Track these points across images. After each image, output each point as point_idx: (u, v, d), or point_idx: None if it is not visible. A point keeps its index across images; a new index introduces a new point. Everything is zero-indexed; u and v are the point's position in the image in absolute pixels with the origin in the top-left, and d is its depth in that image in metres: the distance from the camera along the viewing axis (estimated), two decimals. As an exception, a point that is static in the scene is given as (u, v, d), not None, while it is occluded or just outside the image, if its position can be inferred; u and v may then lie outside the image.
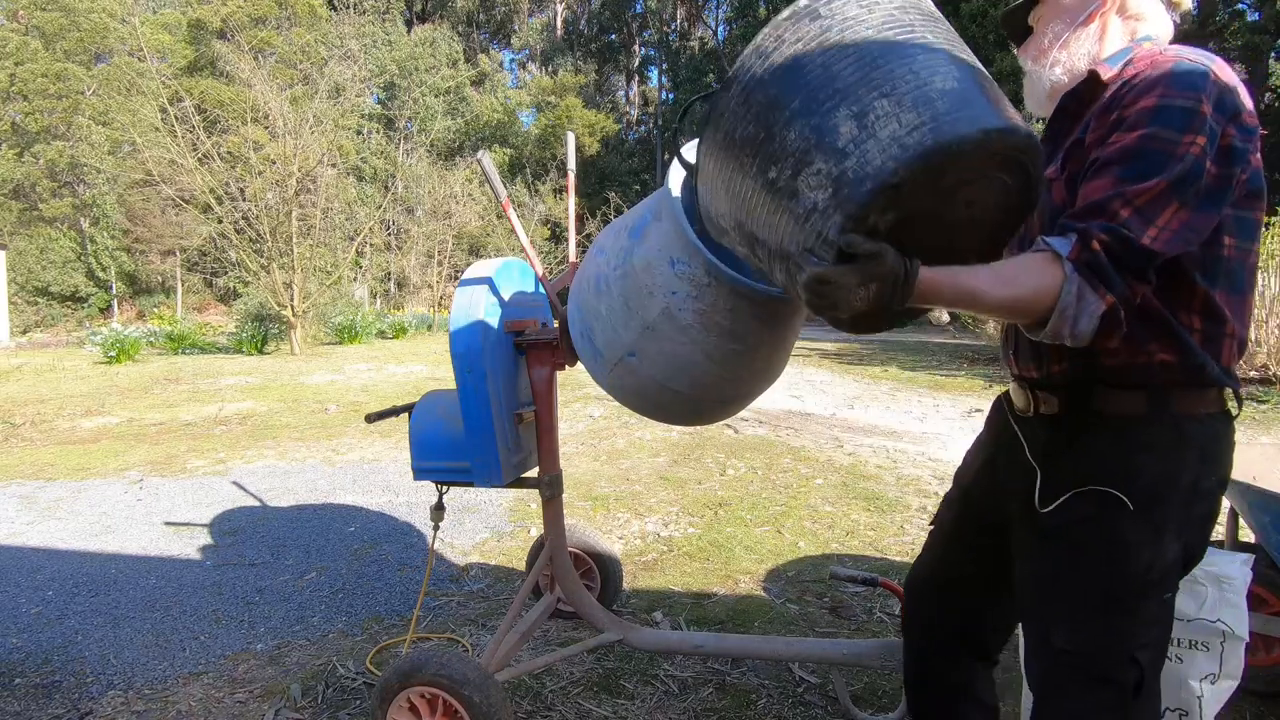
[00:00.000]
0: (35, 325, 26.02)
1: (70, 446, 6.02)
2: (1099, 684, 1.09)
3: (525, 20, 46.77)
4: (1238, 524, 2.08)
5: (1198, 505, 1.10)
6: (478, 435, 1.92)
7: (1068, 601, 1.12)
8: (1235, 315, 1.08)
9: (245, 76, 16.04)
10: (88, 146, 25.21)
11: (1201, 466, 1.08)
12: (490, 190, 3.48)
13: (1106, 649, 1.09)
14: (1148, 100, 1.00)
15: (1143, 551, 1.06)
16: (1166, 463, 1.07)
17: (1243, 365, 7.36)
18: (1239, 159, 1.00)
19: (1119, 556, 1.07)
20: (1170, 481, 1.07)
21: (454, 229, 22.82)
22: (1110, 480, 1.07)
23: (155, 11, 30.97)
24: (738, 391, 1.63)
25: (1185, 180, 0.95)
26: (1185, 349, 1.06)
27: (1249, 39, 19.91)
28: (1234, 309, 1.08)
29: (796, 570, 3.10)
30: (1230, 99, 1.00)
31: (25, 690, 2.29)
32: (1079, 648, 1.10)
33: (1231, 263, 1.06)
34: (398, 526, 3.85)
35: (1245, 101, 1.02)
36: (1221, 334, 1.07)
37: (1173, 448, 1.07)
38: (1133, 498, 1.05)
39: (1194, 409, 1.08)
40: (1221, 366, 1.08)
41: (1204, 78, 1.00)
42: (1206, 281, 1.05)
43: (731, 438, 5.87)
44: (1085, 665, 1.09)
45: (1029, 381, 1.21)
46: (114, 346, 12.46)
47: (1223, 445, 1.12)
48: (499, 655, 1.94)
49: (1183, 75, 1.01)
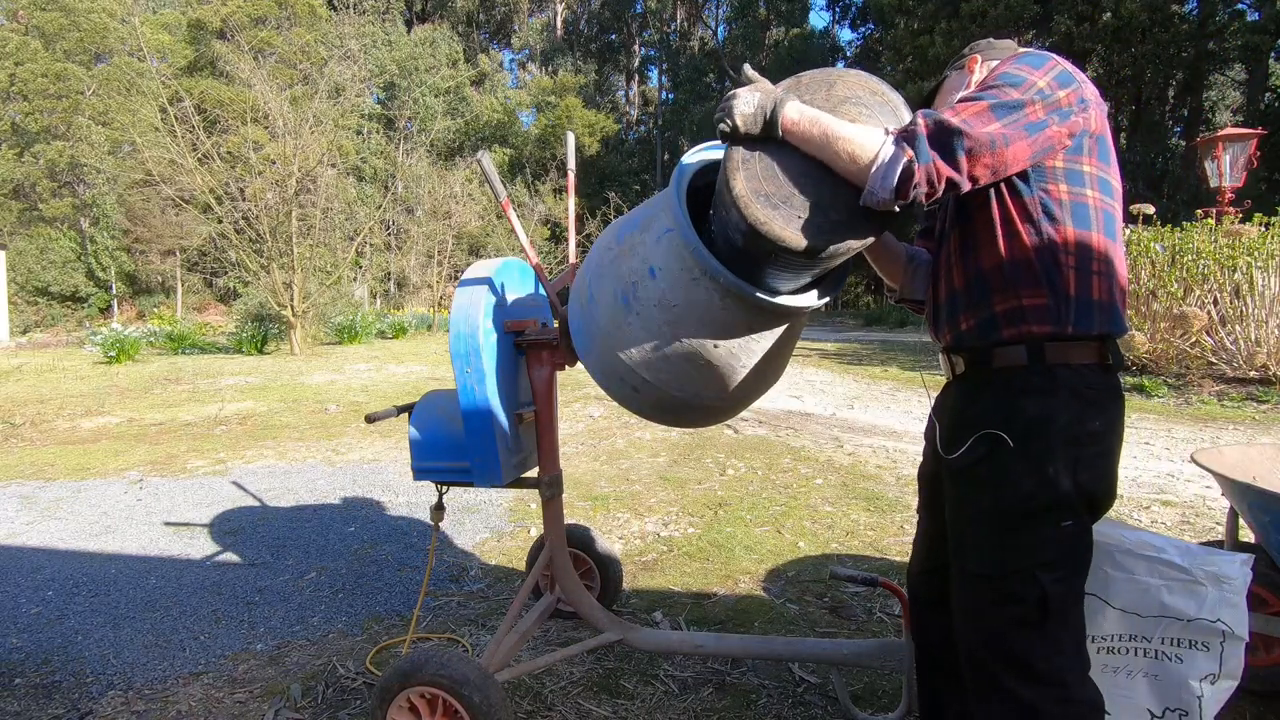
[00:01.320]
0: (35, 325, 26.02)
1: (70, 446, 6.02)
2: (1007, 601, 1.24)
3: (525, 20, 46.78)
4: (1238, 524, 2.07)
5: (1087, 445, 1.23)
6: (478, 435, 1.92)
7: (970, 528, 1.30)
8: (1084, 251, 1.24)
9: (245, 76, 16.03)
10: (88, 146, 25.21)
11: (1080, 407, 1.22)
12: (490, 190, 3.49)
13: (1006, 568, 1.24)
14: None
15: (1023, 481, 1.22)
16: (1041, 404, 1.23)
17: (1243, 365, 7.35)
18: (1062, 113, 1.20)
19: (1005, 486, 1.24)
20: (1045, 420, 1.22)
21: (454, 229, 22.80)
22: (996, 423, 1.25)
23: (155, 11, 30.97)
24: (728, 395, 1.62)
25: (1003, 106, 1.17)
26: (1052, 287, 1.23)
27: (1249, 39, 19.91)
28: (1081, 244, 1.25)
29: (796, 570, 3.10)
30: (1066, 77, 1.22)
31: (25, 690, 2.29)
32: (983, 570, 1.27)
33: (1103, 214, 1.26)
34: (398, 526, 3.85)
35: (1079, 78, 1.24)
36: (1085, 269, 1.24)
37: (1046, 390, 1.23)
38: (1013, 436, 1.23)
39: (1067, 359, 1.24)
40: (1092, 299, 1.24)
41: (1043, 59, 1.23)
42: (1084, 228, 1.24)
43: (731, 438, 5.87)
44: (993, 586, 1.26)
45: (947, 348, 1.41)
46: (114, 346, 12.46)
47: (1101, 393, 1.25)
48: (499, 655, 1.94)
49: (1022, 56, 1.25)
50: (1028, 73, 1.20)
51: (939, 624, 1.54)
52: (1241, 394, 7.12)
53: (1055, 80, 1.20)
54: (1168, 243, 7.79)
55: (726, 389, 1.61)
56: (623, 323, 1.57)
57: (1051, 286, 1.23)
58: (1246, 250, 7.14)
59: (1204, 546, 1.62)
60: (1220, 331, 7.51)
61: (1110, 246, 1.26)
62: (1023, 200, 1.24)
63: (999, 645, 1.25)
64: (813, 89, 1.31)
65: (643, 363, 1.57)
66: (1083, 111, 1.21)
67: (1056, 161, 1.23)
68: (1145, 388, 7.60)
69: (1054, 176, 1.24)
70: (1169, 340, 7.86)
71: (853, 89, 1.31)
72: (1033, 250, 1.24)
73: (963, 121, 1.15)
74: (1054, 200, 1.24)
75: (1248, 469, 2.12)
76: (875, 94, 1.32)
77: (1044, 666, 1.22)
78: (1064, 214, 1.24)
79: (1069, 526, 1.22)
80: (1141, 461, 4.90)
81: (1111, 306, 1.26)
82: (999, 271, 1.27)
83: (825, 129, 1.21)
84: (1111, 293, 1.26)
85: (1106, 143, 1.28)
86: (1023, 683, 1.23)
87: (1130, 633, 1.58)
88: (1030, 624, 1.22)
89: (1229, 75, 25.26)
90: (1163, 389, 7.56)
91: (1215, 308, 7.48)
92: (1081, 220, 1.24)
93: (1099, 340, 1.25)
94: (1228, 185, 8.73)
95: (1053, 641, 1.23)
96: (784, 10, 38.73)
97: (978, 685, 1.29)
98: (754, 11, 38.93)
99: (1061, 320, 1.23)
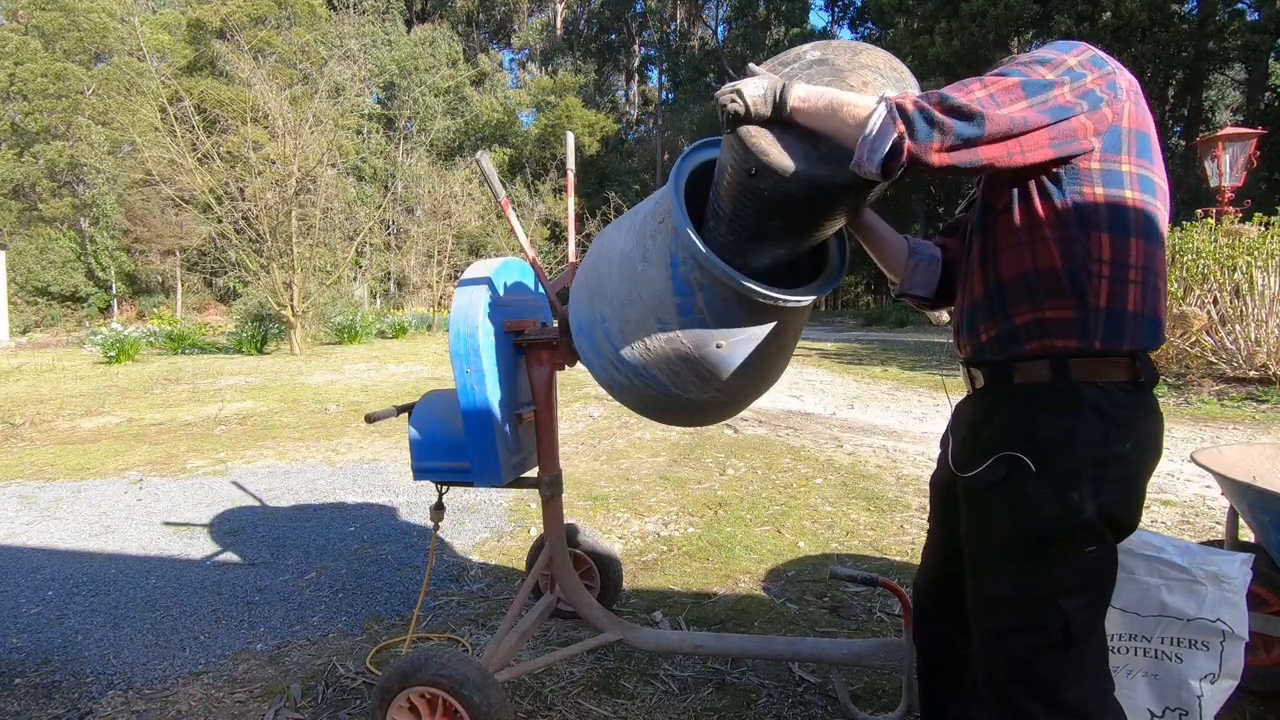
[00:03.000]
0: (35, 325, 26.03)
1: (70, 446, 6.02)
2: (1029, 630, 1.18)
3: (525, 20, 46.77)
4: (1238, 524, 2.07)
5: (1112, 468, 1.15)
6: (477, 435, 1.92)
7: (988, 552, 1.24)
8: (1123, 255, 1.15)
9: (245, 76, 16.04)
10: (88, 146, 25.20)
11: (1106, 428, 1.15)
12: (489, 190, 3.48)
13: (1028, 596, 1.18)
14: None
15: (1043, 506, 1.16)
16: (1063, 424, 1.16)
17: (1243, 365, 7.35)
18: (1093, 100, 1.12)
19: (1025, 511, 1.18)
20: (1067, 441, 1.15)
21: (454, 229, 22.79)
22: (1015, 443, 1.19)
23: (155, 11, 30.95)
24: (720, 394, 1.62)
25: (1033, 84, 1.09)
26: (1079, 299, 1.15)
27: (1249, 39, 19.91)
28: (1120, 249, 1.15)
29: (796, 570, 3.10)
30: (1098, 60, 1.14)
31: (25, 690, 2.29)
32: (1004, 595, 1.21)
33: (1144, 215, 1.16)
34: (398, 526, 3.85)
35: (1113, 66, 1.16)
36: (1121, 278, 1.16)
37: (1069, 409, 1.16)
38: (1033, 458, 1.16)
39: (1093, 376, 1.16)
40: (1126, 311, 1.16)
41: (1073, 44, 1.16)
42: (1123, 234, 1.15)
43: (731, 438, 5.87)
44: (1014, 613, 1.20)
45: (967, 360, 1.34)
46: (114, 346, 12.46)
47: (1130, 412, 1.17)
48: (499, 655, 1.94)
49: (1051, 43, 1.18)
50: (1056, 54, 1.13)
51: (941, 630, 1.53)
52: (1241, 394, 7.12)
53: (1088, 61, 1.13)
54: (1168, 242, 7.80)
55: (724, 387, 1.61)
56: (621, 321, 1.58)
57: (1079, 298, 1.15)
58: (1246, 250, 7.15)
59: (1204, 546, 1.62)
60: (1220, 331, 7.51)
61: (1151, 251, 1.16)
62: (1053, 204, 1.16)
63: (1019, 669, 1.20)
64: (839, 51, 1.36)
65: (641, 360, 1.58)
66: (1114, 100, 1.13)
67: (1092, 163, 1.14)
68: (1145, 387, 7.61)
69: (1089, 179, 1.15)
70: (1169, 340, 7.86)
71: (875, 59, 1.34)
72: (1060, 259, 1.16)
73: (989, 97, 1.07)
74: (1089, 204, 1.15)
75: (1248, 469, 2.12)
76: (894, 70, 1.33)
77: (1068, 695, 1.17)
78: (1099, 219, 1.14)
79: (1093, 552, 1.17)
80: (1141, 461, 4.89)
81: (1148, 319, 1.17)
82: (1022, 281, 1.19)
83: (831, 98, 1.18)
84: (1149, 304, 1.17)
85: (1148, 137, 1.18)
86: (1044, 709, 1.17)
87: (1130, 632, 1.58)
88: (1054, 648, 1.17)
89: (1229, 75, 25.27)
90: (1163, 389, 7.56)
91: (1215, 307, 7.48)
92: (1119, 225, 1.15)
93: (1129, 356, 1.16)
94: (1228, 185, 8.73)
95: (1075, 665, 1.18)
96: (784, 10, 38.73)
97: (993, 704, 1.24)
98: (754, 11, 38.92)
99: (1089, 335, 1.15)
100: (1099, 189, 1.14)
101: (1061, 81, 1.09)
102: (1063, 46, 1.15)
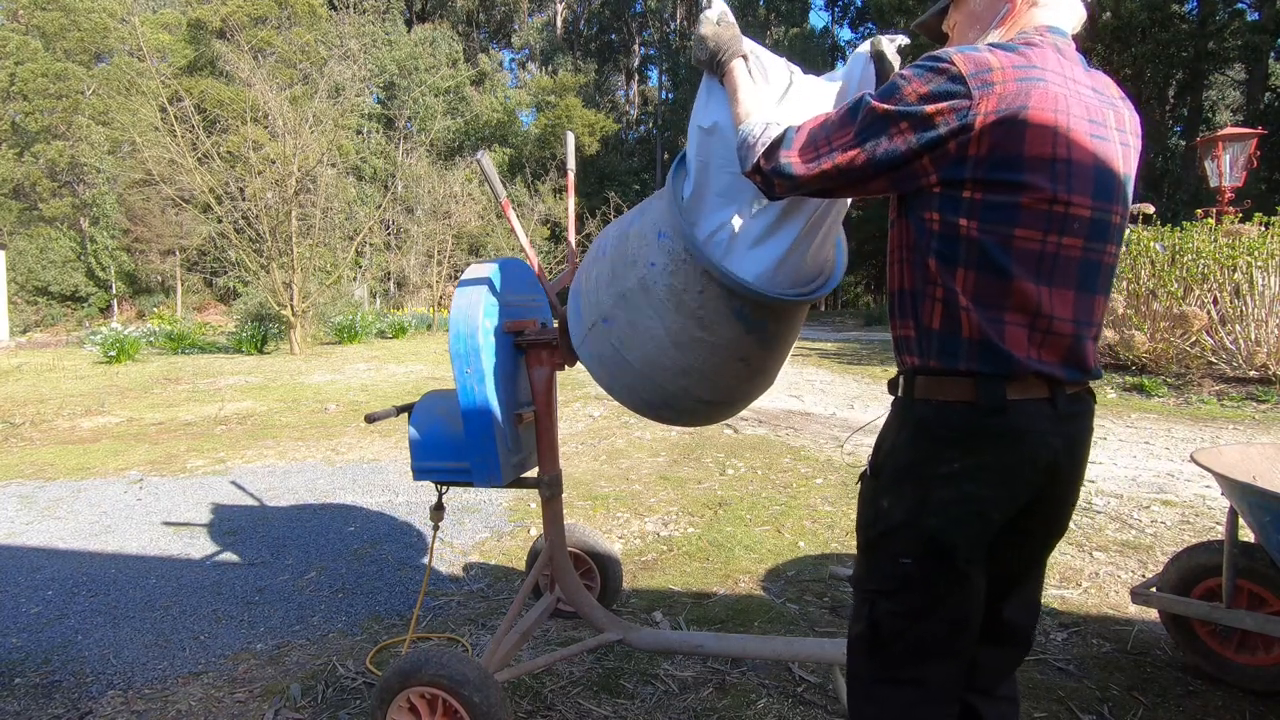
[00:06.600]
0: (35, 325, 26.05)
1: (70, 446, 6.02)
2: (856, 616, 1.29)
3: (525, 20, 46.77)
4: (1237, 523, 2.08)
5: (938, 488, 1.16)
6: (477, 435, 1.92)
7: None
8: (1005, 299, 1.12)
9: (245, 76, 16.01)
10: (88, 146, 25.23)
11: (932, 445, 1.17)
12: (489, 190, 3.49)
13: (857, 583, 1.29)
14: None
15: (866, 509, 1.26)
16: (893, 436, 1.24)
17: (1243, 365, 7.35)
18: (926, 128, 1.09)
19: (861, 508, 1.29)
20: (893, 451, 1.23)
21: (454, 229, 22.79)
22: (875, 448, 1.29)
23: (155, 11, 30.97)
24: (695, 385, 1.61)
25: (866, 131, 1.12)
26: (917, 319, 1.19)
27: (1249, 39, 19.91)
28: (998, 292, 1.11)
29: (796, 570, 3.10)
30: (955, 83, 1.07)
31: (25, 690, 2.29)
32: (854, 575, 1.32)
33: (979, 244, 1.11)
34: (398, 526, 3.85)
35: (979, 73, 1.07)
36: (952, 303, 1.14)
37: (901, 422, 1.23)
38: (871, 462, 1.27)
39: (931, 394, 1.18)
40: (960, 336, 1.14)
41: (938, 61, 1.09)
42: (948, 262, 1.13)
43: (731, 437, 5.88)
44: (856, 594, 1.31)
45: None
46: (114, 346, 12.46)
47: (964, 434, 1.15)
48: (499, 655, 1.94)
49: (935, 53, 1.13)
50: (908, 83, 1.09)
51: None
52: (1241, 394, 7.11)
53: (941, 89, 1.07)
54: (1168, 242, 7.80)
55: (724, 387, 1.61)
56: (605, 286, 1.59)
57: (916, 318, 1.19)
58: (1246, 250, 7.15)
59: None
60: (1220, 331, 7.51)
61: (988, 282, 1.11)
62: (909, 225, 1.18)
63: (850, 644, 1.31)
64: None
65: (640, 360, 1.58)
66: (961, 133, 1.06)
67: (934, 189, 1.12)
68: (1145, 387, 7.60)
69: (930, 204, 1.13)
70: (1169, 340, 7.86)
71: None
72: (908, 280, 1.19)
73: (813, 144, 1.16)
74: (928, 230, 1.14)
75: (1247, 469, 2.12)
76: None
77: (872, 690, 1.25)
78: (931, 245, 1.13)
79: (907, 565, 1.19)
80: (1141, 461, 4.90)
81: (986, 344, 1.12)
82: (896, 297, 1.24)
83: (734, 87, 1.32)
84: (989, 331, 1.12)
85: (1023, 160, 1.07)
86: (857, 686, 1.28)
87: None
88: (864, 639, 1.25)
89: (1229, 75, 25.25)
90: (1163, 389, 7.56)
91: (1215, 307, 7.49)
92: (948, 254, 1.12)
93: (970, 377, 1.14)
94: (1228, 185, 8.74)
95: (883, 668, 1.24)
96: (784, 10, 38.73)
97: None
98: (754, 11, 38.90)
99: (926, 353, 1.18)
100: (935, 214, 1.13)
101: (899, 117, 1.09)
102: (926, 65, 1.09)
